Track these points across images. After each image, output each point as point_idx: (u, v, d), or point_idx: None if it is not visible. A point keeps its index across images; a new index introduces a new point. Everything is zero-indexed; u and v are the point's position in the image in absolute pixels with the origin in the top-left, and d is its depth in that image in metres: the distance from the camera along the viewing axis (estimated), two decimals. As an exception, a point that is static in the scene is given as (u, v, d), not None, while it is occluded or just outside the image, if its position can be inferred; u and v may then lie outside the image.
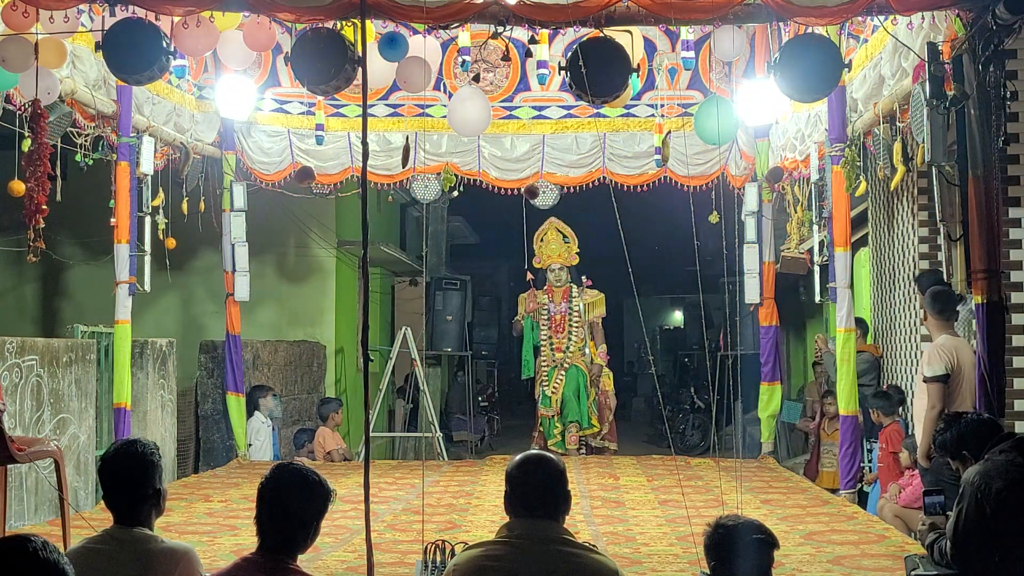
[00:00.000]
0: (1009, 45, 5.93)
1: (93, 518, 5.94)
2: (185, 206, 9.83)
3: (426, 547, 5.06)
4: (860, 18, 6.79)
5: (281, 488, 3.15)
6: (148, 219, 8.96)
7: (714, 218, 10.01)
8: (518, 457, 3.28)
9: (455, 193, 11.28)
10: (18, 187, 6.84)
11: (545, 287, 12.09)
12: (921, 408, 6.34)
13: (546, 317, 11.95)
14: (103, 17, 6.55)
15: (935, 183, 6.47)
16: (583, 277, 12.12)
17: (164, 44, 6.30)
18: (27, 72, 6.53)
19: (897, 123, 7.10)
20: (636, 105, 10.50)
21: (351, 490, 7.84)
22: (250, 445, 10.59)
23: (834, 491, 8.40)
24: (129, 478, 3.35)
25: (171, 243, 9.32)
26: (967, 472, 4.27)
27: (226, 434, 10.67)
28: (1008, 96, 5.83)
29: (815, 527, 6.82)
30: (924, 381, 6.27)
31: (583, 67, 6.16)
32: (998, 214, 5.82)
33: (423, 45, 7.15)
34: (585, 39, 6.35)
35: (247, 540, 5.62)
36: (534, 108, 10.68)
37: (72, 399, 7.88)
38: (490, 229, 22.07)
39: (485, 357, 19.19)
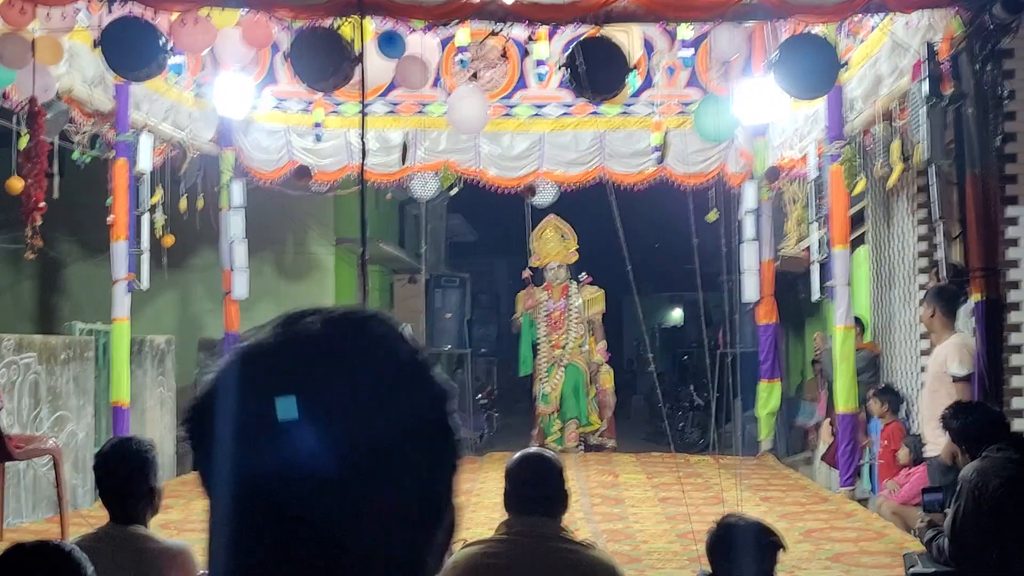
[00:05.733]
0: (1006, 44, 5.92)
1: (91, 516, 5.94)
2: (183, 203, 9.82)
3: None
4: (858, 17, 6.79)
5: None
6: (146, 216, 8.95)
7: (713, 216, 10.00)
8: (517, 455, 3.29)
9: (454, 191, 11.27)
10: (16, 184, 6.84)
11: (544, 284, 12.08)
12: (942, 405, 6.13)
13: (544, 314, 11.94)
14: (100, 14, 6.55)
15: (933, 181, 6.46)
16: (583, 274, 12.10)
17: (162, 41, 6.30)
18: (24, 69, 6.53)
19: (895, 121, 7.10)
20: (634, 103, 10.47)
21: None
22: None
23: None
24: (124, 476, 3.33)
25: (169, 240, 9.31)
26: (964, 469, 4.28)
27: (225, 432, 10.65)
28: (1005, 95, 5.84)
29: (814, 524, 6.82)
30: (955, 380, 6.18)
31: (582, 65, 6.16)
32: (996, 212, 5.83)
33: (421, 43, 7.15)
34: (584, 37, 6.36)
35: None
36: (533, 106, 10.66)
37: (70, 397, 7.88)
38: (489, 226, 22.05)
39: (484, 355, 19.17)
